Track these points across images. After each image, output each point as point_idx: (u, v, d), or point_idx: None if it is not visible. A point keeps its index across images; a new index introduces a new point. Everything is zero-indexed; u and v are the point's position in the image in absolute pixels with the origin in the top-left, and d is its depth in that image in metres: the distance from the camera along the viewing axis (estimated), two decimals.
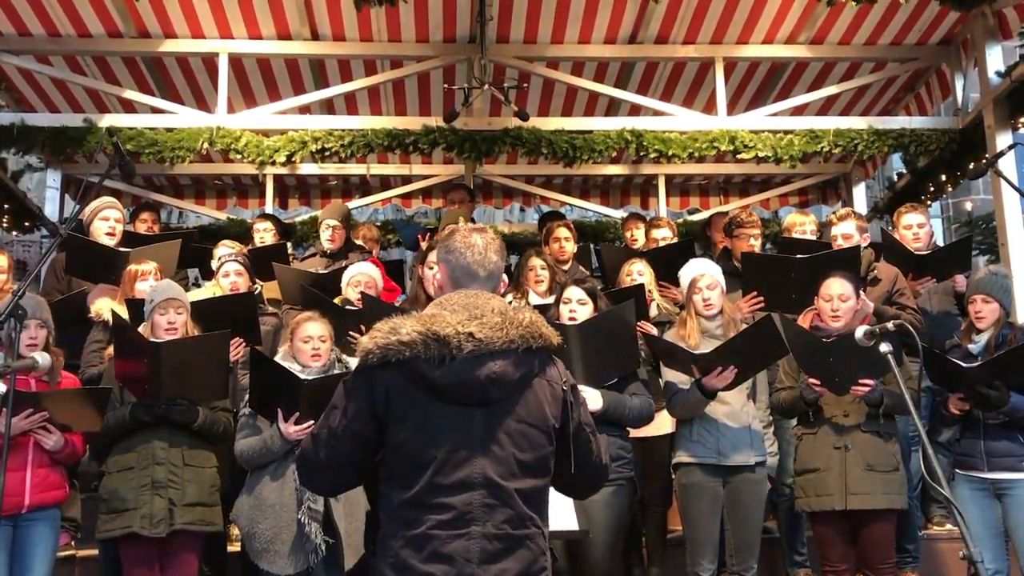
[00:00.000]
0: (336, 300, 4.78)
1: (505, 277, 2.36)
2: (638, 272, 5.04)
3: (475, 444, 2.08)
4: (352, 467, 2.20)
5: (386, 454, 2.15)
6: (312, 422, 3.57)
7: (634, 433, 4.10)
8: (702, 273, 4.21)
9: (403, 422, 2.09)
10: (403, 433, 2.09)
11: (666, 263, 5.11)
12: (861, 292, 4.61)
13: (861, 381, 3.82)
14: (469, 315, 2.11)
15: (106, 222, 5.26)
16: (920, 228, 5.22)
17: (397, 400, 2.09)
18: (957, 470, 4.10)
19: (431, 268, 4.46)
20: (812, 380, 3.90)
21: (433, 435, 2.08)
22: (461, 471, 2.06)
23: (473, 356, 2.07)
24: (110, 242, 5.18)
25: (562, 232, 5.77)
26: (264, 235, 6.26)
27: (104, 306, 4.57)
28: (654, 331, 4.65)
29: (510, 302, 5.06)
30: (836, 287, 4.05)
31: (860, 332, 2.88)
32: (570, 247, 5.76)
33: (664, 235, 5.97)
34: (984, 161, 5.28)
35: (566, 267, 5.63)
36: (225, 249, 5.21)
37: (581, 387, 3.73)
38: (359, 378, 2.14)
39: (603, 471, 2.38)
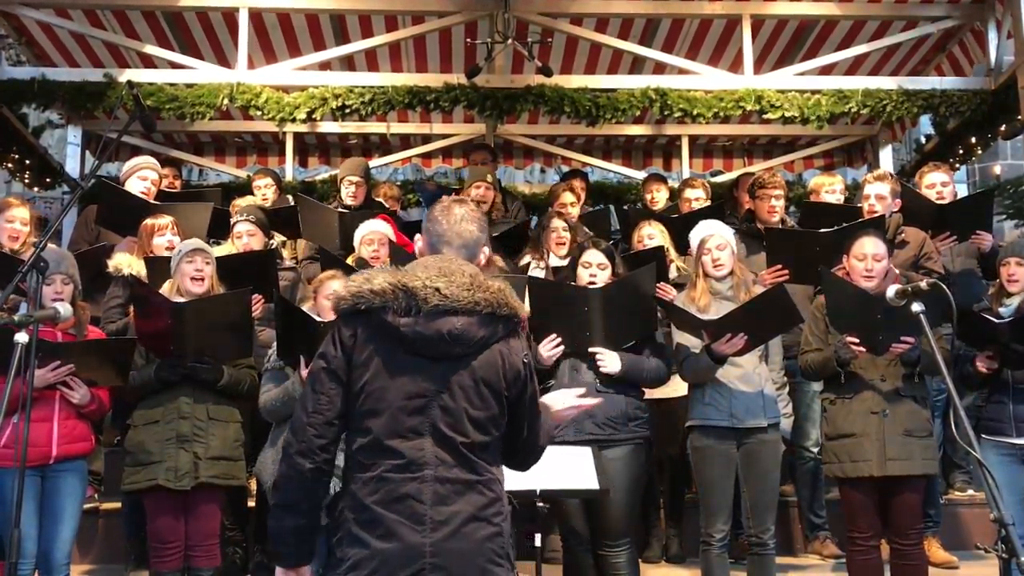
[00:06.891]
0: (349, 260, 4.77)
1: (487, 250, 2.43)
2: (648, 236, 4.99)
3: (430, 394, 2.18)
4: (335, 418, 2.23)
5: (348, 400, 2.24)
6: None
7: (650, 394, 4.10)
8: (711, 233, 4.11)
9: (364, 368, 2.20)
10: (363, 379, 2.20)
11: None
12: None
13: (903, 339, 3.71)
14: (439, 272, 2.21)
15: (143, 182, 5.21)
16: (944, 187, 5.12)
17: (362, 346, 2.20)
18: (982, 435, 4.05)
19: None
20: (851, 339, 3.80)
21: (390, 382, 2.18)
22: (414, 419, 2.17)
23: (439, 310, 2.17)
24: None
25: (567, 197, 5.74)
26: (265, 191, 6.18)
27: (123, 261, 4.51)
28: (673, 293, 4.62)
29: (528, 263, 5.09)
30: (870, 246, 3.91)
31: (891, 291, 2.82)
32: (576, 211, 5.73)
33: (697, 195, 5.87)
34: (1019, 121, 5.16)
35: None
36: (238, 207, 5.18)
37: (599, 349, 3.83)
38: (332, 326, 2.28)
39: (538, 451, 2.45)
